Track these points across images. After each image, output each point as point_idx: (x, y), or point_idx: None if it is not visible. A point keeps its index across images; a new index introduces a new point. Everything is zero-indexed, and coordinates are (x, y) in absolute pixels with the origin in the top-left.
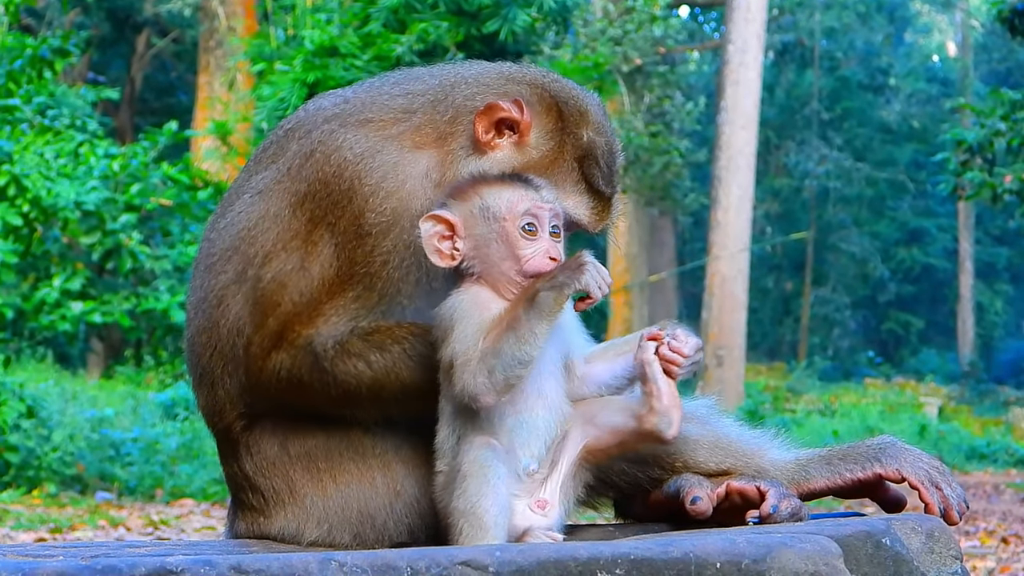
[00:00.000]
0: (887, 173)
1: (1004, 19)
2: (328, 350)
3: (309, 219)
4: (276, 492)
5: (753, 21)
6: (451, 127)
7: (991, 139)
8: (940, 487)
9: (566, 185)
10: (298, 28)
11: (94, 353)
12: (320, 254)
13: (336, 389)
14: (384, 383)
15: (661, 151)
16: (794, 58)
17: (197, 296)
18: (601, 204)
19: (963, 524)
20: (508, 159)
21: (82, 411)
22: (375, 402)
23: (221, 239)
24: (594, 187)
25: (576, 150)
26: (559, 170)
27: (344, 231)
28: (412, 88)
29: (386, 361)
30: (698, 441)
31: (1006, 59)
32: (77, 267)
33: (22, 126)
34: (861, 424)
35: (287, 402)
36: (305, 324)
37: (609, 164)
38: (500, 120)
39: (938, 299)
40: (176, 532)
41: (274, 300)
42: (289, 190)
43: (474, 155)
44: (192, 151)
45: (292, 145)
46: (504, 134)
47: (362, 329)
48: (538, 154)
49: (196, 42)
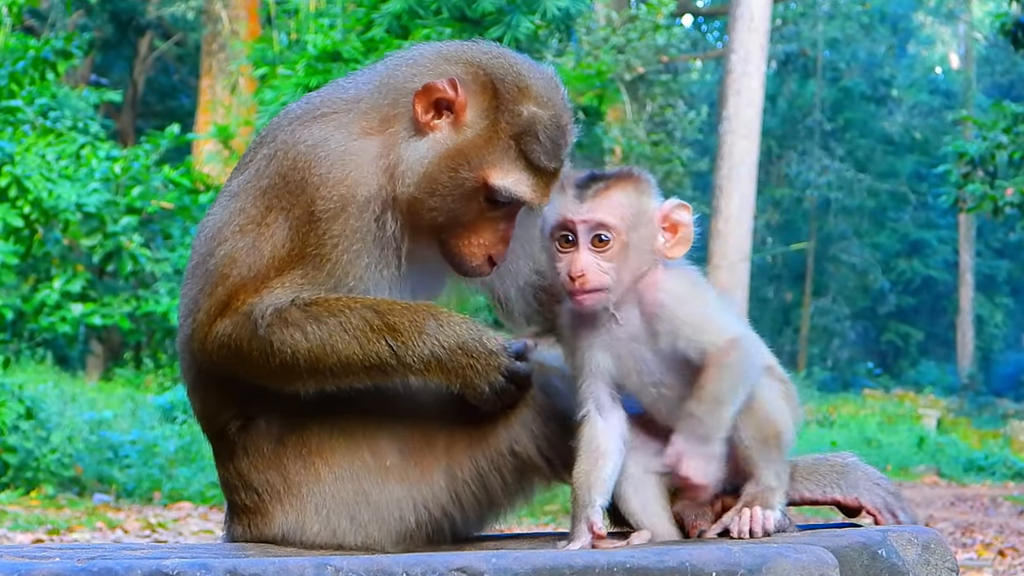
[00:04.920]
0: (888, 184)
1: (1007, 32)
2: (266, 316)
3: (266, 207)
4: (271, 485)
5: (756, 31)
6: (393, 110)
7: (993, 152)
8: (895, 514)
9: (505, 163)
10: (301, 32)
11: (93, 355)
12: (273, 236)
13: (274, 359)
14: (320, 355)
15: (663, 160)
16: (797, 68)
17: (184, 303)
18: (544, 180)
19: (961, 536)
20: (446, 139)
21: (81, 413)
22: (313, 374)
23: (199, 244)
24: (534, 163)
25: (512, 127)
26: (496, 148)
27: (298, 217)
28: (362, 78)
29: (322, 333)
30: None
31: (1009, 72)
32: (77, 269)
33: (24, 127)
34: (859, 435)
35: (229, 372)
36: (250, 293)
37: (553, 139)
38: (437, 101)
39: (938, 311)
40: (173, 535)
41: (224, 273)
42: (255, 188)
43: (415, 136)
44: (194, 154)
45: (262, 150)
46: (443, 114)
47: (302, 300)
48: (473, 133)
49: (199, 45)
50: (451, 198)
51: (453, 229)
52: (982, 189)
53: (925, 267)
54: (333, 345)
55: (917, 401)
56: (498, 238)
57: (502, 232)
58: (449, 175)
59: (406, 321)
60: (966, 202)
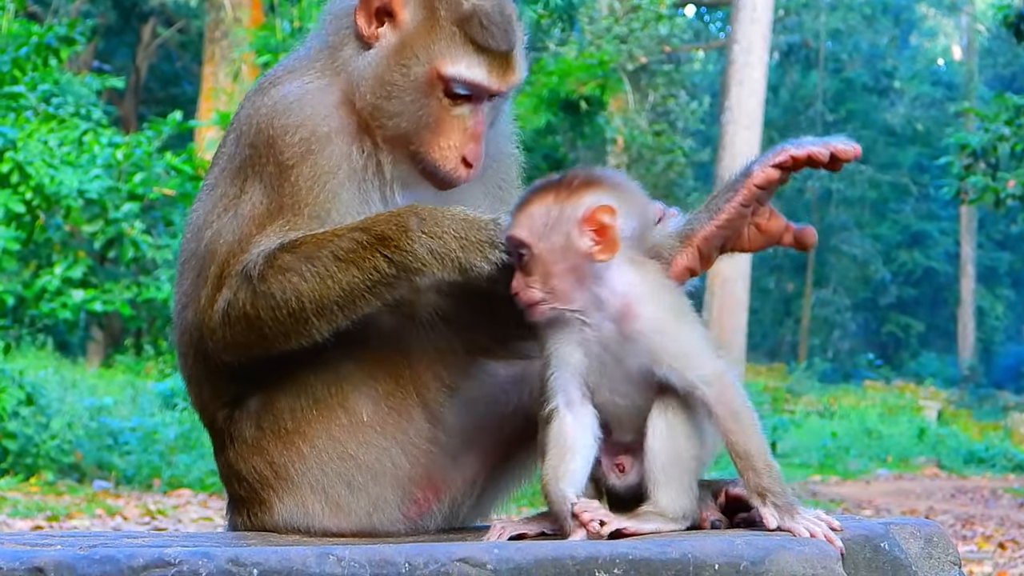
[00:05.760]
0: (890, 176)
1: (1010, 24)
2: (258, 266)
3: (243, 180)
4: (259, 473)
5: (759, 22)
6: (338, 37)
7: (995, 143)
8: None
9: (453, 50)
10: (304, 20)
11: (94, 342)
12: (252, 199)
13: (281, 311)
14: (323, 291)
15: (665, 150)
16: (799, 59)
17: (178, 296)
18: (498, 62)
19: (961, 529)
20: (391, 42)
21: (81, 399)
22: (322, 314)
23: (186, 240)
24: (483, 45)
25: (453, 14)
26: (440, 36)
27: (270, 173)
28: (310, 34)
29: (318, 268)
30: None
31: (1011, 64)
32: (79, 255)
33: (26, 113)
34: (860, 426)
35: (244, 345)
36: (238, 256)
37: (497, 22)
38: (377, 10)
39: (939, 303)
40: (173, 522)
41: (213, 251)
42: (229, 171)
43: (363, 51)
44: (196, 141)
45: (229, 136)
46: (384, 22)
47: (289, 242)
48: (413, 26)
49: (202, 32)
50: (409, 98)
51: (420, 135)
52: (984, 181)
53: (926, 258)
54: (332, 275)
55: (918, 393)
56: (468, 136)
57: (471, 129)
58: (400, 73)
59: (392, 227)
60: (968, 194)
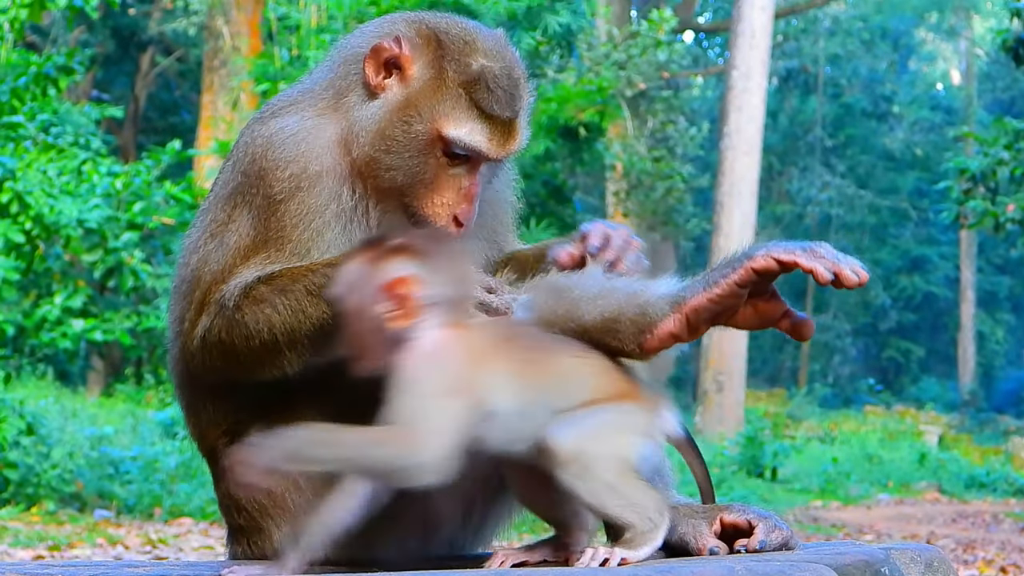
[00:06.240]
0: (890, 201)
1: (1008, 48)
2: (234, 296)
3: (232, 207)
4: (256, 502)
5: (757, 47)
6: (345, 81)
7: (994, 168)
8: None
9: (457, 112)
10: (302, 48)
11: (94, 371)
12: (239, 229)
13: (253, 341)
14: (294, 325)
15: (664, 176)
16: (798, 84)
17: (171, 323)
18: (500, 128)
19: (962, 553)
20: (396, 95)
21: (82, 429)
22: (293, 347)
23: (179, 265)
24: (487, 112)
25: (460, 76)
26: (445, 97)
27: (259, 205)
28: (318, 68)
29: (291, 301)
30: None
31: (1010, 88)
32: (78, 285)
33: (25, 143)
34: (861, 451)
35: (219, 374)
36: (219, 284)
37: (505, 88)
38: (386, 61)
39: (939, 327)
40: (174, 551)
41: (199, 276)
42: (222, 197)
43: (369, 100)
44: (195, 170)
45: (227, 162)
46: (392, 74)
47: (266, 275)
48: (420, 84)
49: (200, 61)
50: (407, 154)
51: (415, 190)
52: (983, 205)
53: (926, 283)
54: (303, 310)
55: (918, 417)
56: (461, 196)
57: (465, 190)
58: (402, 129)
59: None
60: (967, 218)
